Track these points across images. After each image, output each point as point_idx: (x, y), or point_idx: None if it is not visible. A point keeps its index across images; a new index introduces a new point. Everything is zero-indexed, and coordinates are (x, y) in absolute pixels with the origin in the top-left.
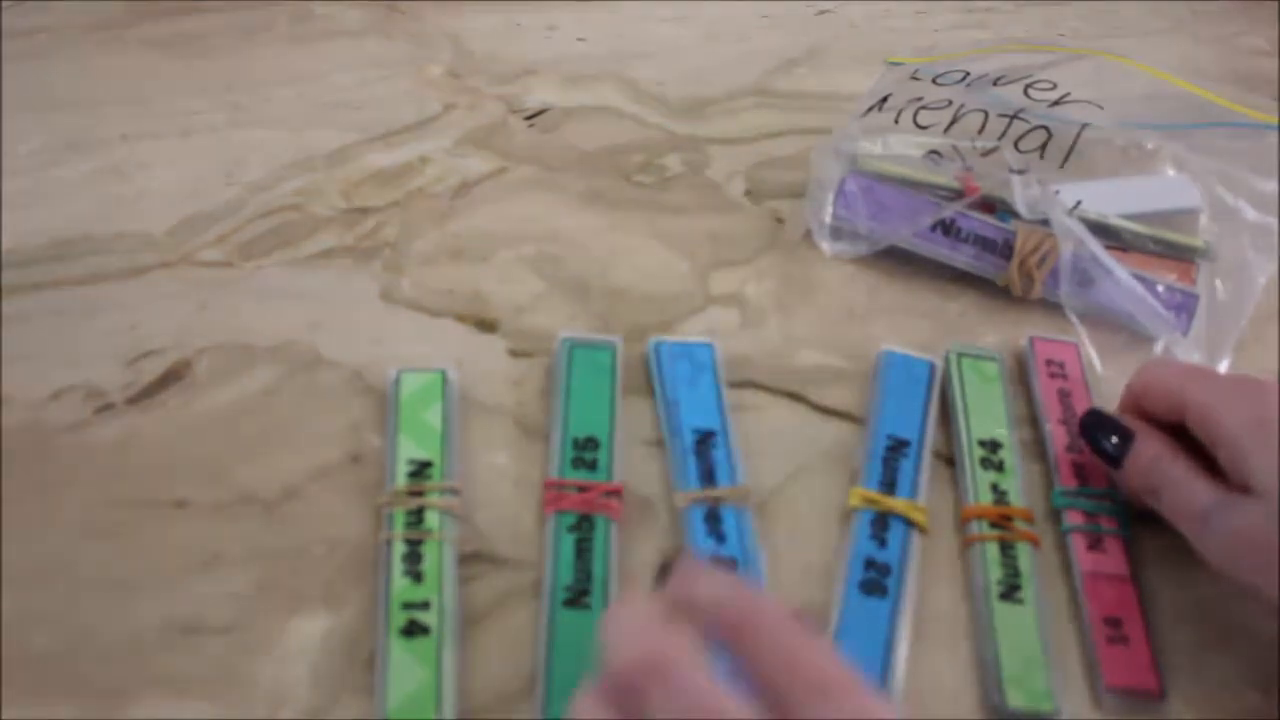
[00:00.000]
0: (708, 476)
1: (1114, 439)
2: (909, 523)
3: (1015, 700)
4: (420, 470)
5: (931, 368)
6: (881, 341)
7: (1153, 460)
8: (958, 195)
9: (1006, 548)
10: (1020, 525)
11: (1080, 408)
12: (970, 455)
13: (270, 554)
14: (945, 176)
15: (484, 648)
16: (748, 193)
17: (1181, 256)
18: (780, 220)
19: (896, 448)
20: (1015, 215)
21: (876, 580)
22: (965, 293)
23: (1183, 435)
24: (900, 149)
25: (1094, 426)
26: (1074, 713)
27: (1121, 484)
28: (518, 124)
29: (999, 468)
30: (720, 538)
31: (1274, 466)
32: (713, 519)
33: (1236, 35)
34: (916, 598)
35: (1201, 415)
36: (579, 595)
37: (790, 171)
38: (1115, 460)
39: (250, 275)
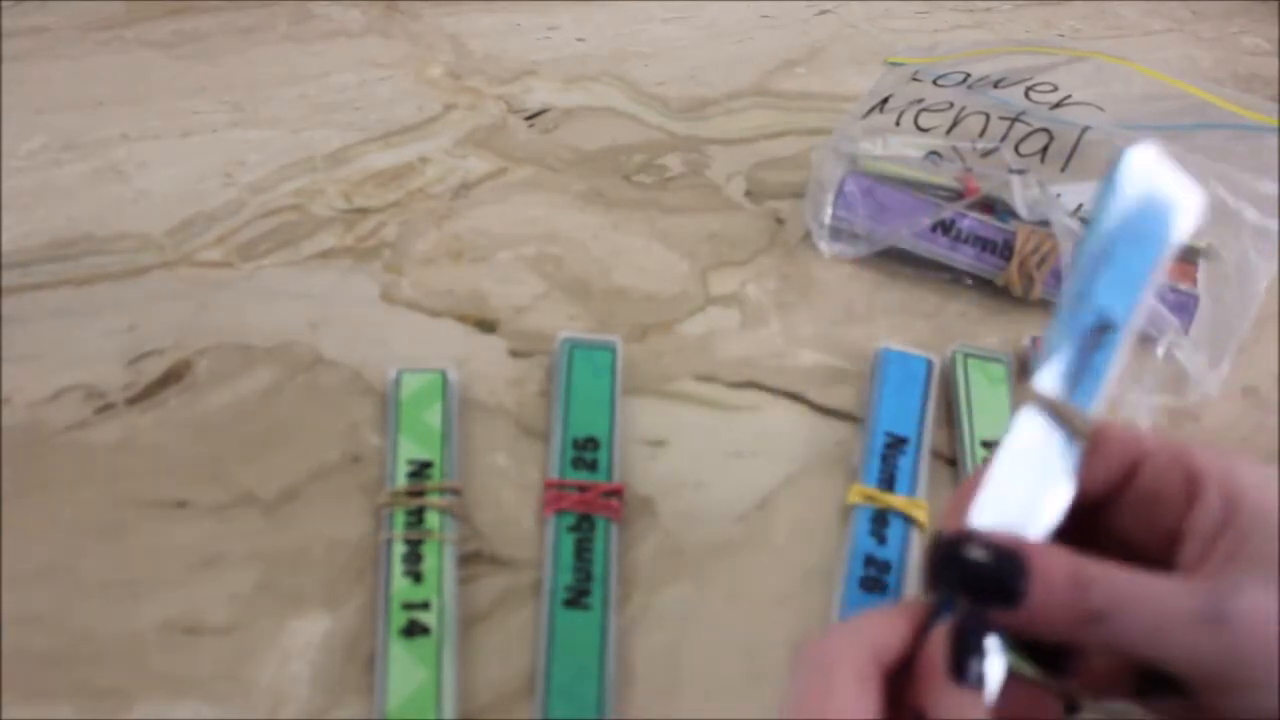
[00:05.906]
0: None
1: (994, 569)
2: (908, 519)
3: None
4: (420, 470)
5: (929, 365)
6: (881, 341)
7: (1074, 574)
8: (958, 196)
9: None
10: None
11: None
12: (973, 455)
13: (270, 554)
14: (945, 177)
15: (484, 648)
16: (748, 193)
17: (1182, 257)
18: (780, 220)
19: (895, 445)
20: (1015, 216)
21: (876, 577)
22: (965, 293)
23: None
24: (900, 150)
25: (953, 563)
26: None
27: (1028, 627)
28: (518, 124)
29: None
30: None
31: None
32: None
33: (1236, 35)
34: (916, 595)
35: (1174, 455)
36: (579, 595)
37: (790, 171)
38: (1008, 596)
39: (250, 275)
